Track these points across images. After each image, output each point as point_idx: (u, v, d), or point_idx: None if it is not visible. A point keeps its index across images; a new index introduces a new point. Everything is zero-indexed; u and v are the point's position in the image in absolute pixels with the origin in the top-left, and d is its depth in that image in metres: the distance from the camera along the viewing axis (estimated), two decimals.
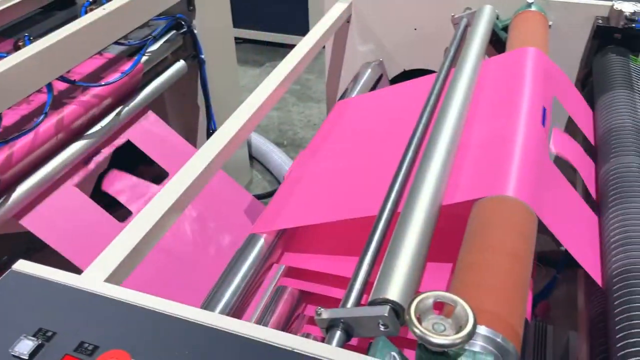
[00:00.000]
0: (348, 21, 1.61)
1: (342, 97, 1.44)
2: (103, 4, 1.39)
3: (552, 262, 1.29)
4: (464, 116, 1.00)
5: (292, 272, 1.06)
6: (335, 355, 0.58)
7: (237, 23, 3.71)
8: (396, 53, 1.63)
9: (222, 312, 0.86)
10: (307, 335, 1.01)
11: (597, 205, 0.97)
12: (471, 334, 0.54)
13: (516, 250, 0.73)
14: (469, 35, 1.28)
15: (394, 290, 0.65)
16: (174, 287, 1.21)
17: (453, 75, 1.12)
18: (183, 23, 1.69)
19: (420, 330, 0.54)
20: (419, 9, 1.54)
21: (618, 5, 1.32)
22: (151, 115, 1.61)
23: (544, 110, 0.97)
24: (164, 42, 1.64)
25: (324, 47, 1.56)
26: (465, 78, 1.09)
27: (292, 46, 1.32)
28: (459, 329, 0.54)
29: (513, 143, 0.91)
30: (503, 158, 0.88)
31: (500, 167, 0.86)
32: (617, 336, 0.71)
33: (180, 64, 1.73)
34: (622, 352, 0.68)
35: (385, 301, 0.65)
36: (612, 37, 1.36)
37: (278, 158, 2.45)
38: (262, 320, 0.97)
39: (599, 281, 0.82)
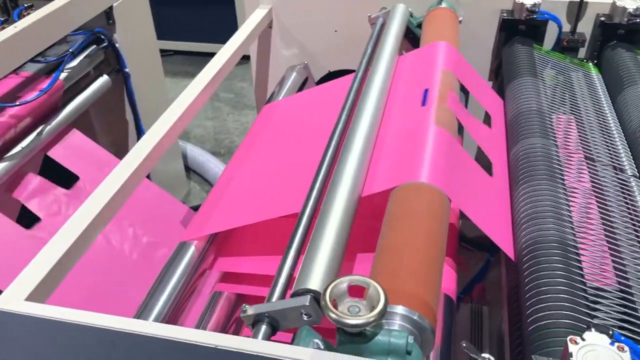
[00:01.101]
0: (270, 27, 1.64)
1: (268, 101, 1.46)
2: (15, 21, 1.36)
3: (485, 246, 1.36)
4: (380, 111, 1.04)
5: (228, 277, 1.07)
6: (259, 347, 0.59)
7: (165, 35, 3.70)
8: (320, 55, 1.66)
9: (155, 321, 0.85)
10: None
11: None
12: (383, 312, 0.56)
13: (430, 233, 0.77)
14: (383, 34, 1.33)
15: (315, 280, 0.68)
16: (108, 304, 1.19)
17: (369, 72, 1.16)
18: (103, 37, 1.66)
19: (336, 314, 0.57)
20: (337, 12, 1.58)
21: None
22: (76, 133, 1.58)
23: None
24: (84, 57, 1.61)
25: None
26: (380, 74, 1.13)
27: None
28: (372, 309, 0.57)
29: (425, 132, 0.95)
30: (416, 147, 0.92)
31: (414, 156, 0.90)
32: (527, 304, 0.76)
33: (104, 79, 1.70)
34: (531, 318, 0.73)
35: (307, 291, 0.67)
36: (517, 29, 1.44)
37: (215, 167, 2.45)
38: (199, 327, 0.97)
39: (511, 255, 0.88)
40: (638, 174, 1.03)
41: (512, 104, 1.21)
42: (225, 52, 1.31)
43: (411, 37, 1.49)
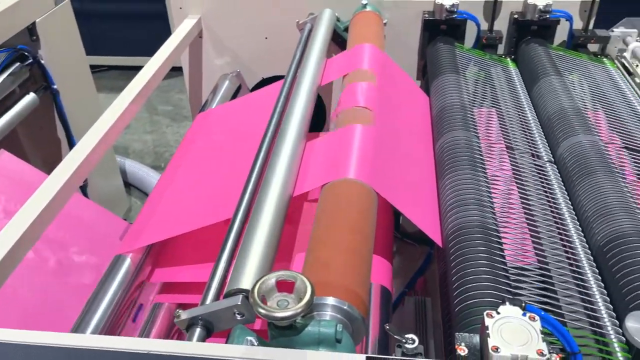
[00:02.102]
0: (200, 36, 1.64)
1: (202, 109, 1.46)
2: None
3: (425, 240, 1.40)
4: (308, 112, 1.06)
5: (167, 287, 1.06)
6: (192, 349, 0.60)
7: (98, 50, 3.62)
8: (252, 63, 1.68)
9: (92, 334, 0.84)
10: None
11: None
12: (310, 303, 0.58)
13: (358, 226, 0.79)
14: (311, 39, 1.36)
15: (247, 280, 0.69)
16: (44, 324, 1.16)
17: (298, 76, 1.19)
18: (27, 54, 1.62)
19: (264, 309, 0.58)
20: (267, 19, 1.60)
21: (439, 0, 1.47)
22: (4, 154, 1.52)
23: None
24: (8, 75, 1.56)
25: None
26: (308, 78, 1.16)
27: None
28: (300, 301, 0.59)
29: (353, 130, 0.98)
30: (344, 145, 0.95)
31: (342, 153, 0.93)
32: (453, 287, 0.80)
33: (31, 97, 1.65)
34: (457, 300, 0.77)
35: (239, 291, 0.68)
36: (439, 29, 1.51)
37: (156, 182, 2.41)
38: None
39: (439, 242, 0.92)
40: (553, 159, 1.10)
41: (436, 100, 1.26)
42: (153, 64, 1.31)
43: (340, 41, 1.53)
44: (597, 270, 0.84)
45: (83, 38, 1.88)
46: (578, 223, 0.94)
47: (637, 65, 1.41)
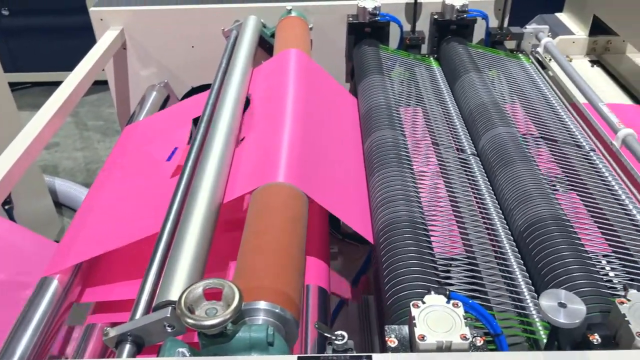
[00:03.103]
0: (124, 48, 1.60)
1: (129, 122, 1.43)
2: None
3: (366, 240, 1.42)
4: (235, 120, 1.06)
5: (100, 307, 1.03)
6: None
7: (19, 67, 3.47)
8: (180, 72, 1.66)
9: None
10: None
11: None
12: (238, 309, 0.58)
13: (288, 229, 0.80)
14: (236, 46, 1.35)
15: (176, 291, 0.68)
16: None
17: (224, 84, 1.18)
18: None
19: (192, 319, 0.58)
20: (192, 28, 1.58)
21: (362, 3, 1.50)
22: None
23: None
24: None
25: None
26: (234, 85, 1.16)
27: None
28: (228, 308, 0.59)
29: (281, 135, 0.99)
30: (273, 149, 0.96)
31: (272, 158, 0.94)
32: (385, 281, 0.82)
33: None
34: (388, 294, 0.79)
35: (168, 303, 0.67)
36: (363, 32, 1.54)
37: None
38: None
39: (370, 239, 0.93)
40: (476, 152, 1.14)
41: (363, 101, 1.29)
42: (74, 78, 1.27)
43: (268, 47, 1.54)
44: (519, 255, 0.88)
45: (3, 55, 1.80)
46: (501, 211, 0.98)
47: (549, 60, 1.50)
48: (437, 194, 1.03)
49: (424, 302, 0.63)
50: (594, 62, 1.58)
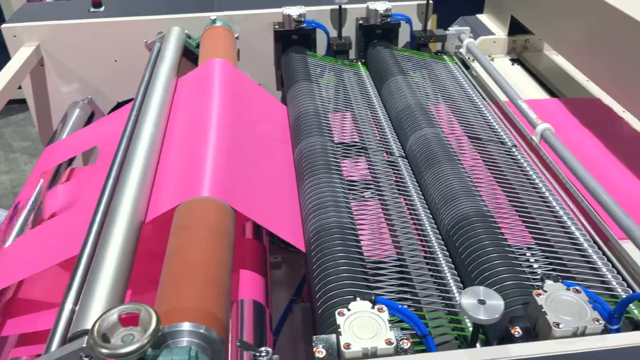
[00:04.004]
0: (42, 64, 1.53)
1: (50, 141, 1.36)
2: None
3: None
4: (158, 135, 1.03)
5: (24, 339, 0.97)
6: None
7: None
8: (105, 87, 1.60)
9: None
10: None
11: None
12: (155, 332, 0.56)
13: (211, 246, 0.78)
14: (159, 58, 1.32)
15: (93, 320, 0.65)
16: None
17: (147, 97, 1.15)
18: None
19: (106, 348, 0.55)
20: (113, 41, 1.53)
21: (287, 11, 1.50)
22: None
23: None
24: None
25: None
26: (157, 98, 1.13)
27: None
28: (145, 333, 0.56)
29: (205, 147, 0.97)
30: (197, 163, 0.93)
31: (195, 172, 0.91)
32: (315, 288, 0.81)
33: None
34: (320, 301, 0.78)
35: (84, 332, 0.64)
36: (290, 39, 1.53)
37: None
38: None
39: (301, 247, 0.92)
40: (404, 154, 1.16)
41: (292, 108, 1.28)
42: None
43: (194, 58, 1.51)
44: (448, 253, 0.90)
45: None
46: (429, 211, 0.99)
47: (472, 60, 1.54)
48: (367, 198, 1.03)
49: (349, 310, 0.63)
50: (514, 61, 1.64)
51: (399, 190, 1.06)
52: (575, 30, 1.31)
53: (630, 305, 0.73)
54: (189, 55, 1.51)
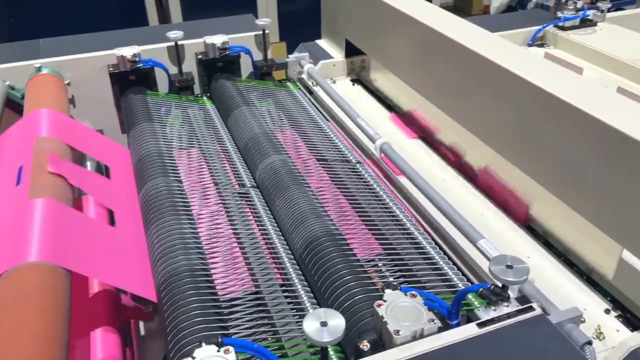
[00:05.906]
0: None
1: None
2: None
3: None
4: None
5: None
6: None
7: None
8: None
9: None
10: None
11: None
12: None
13: (45, 312, 0.71)
14: None
15: None
16: None
17: None
18: None
19: None
20: None
21: (120, 52, 1.44)
22: None
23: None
24: None
25: None
26: None
27: None
28: None
29: (31, 209, 0.88)
30: (21, 228, 0.85)
31: (20, 236, 0.83)
32: (168, 338, 0.77)
33: None
34: (174, 350, 0.74)
35: None
36: (128, 79, 1.48)
37: None
38: None
39: (152, 298, 0.87)
40: (256, 184, 1.15)
41: (134, 150, 1.22)
42: None
43: (21, 110, 1.39)
44: (303, 277, 0.90)
45: None
46: (283, 237, 0.99)
47: (314, 84, 1.59)
48: (219, 234, 1.01)
49: (194, 358, 0.60)
50: (354, 81, 1.71)
51: (254, 220, 1.05)
52: (399, 48, 1.40)
53: (471, 298, 0.78)
54: (15, 108, 1.39)
